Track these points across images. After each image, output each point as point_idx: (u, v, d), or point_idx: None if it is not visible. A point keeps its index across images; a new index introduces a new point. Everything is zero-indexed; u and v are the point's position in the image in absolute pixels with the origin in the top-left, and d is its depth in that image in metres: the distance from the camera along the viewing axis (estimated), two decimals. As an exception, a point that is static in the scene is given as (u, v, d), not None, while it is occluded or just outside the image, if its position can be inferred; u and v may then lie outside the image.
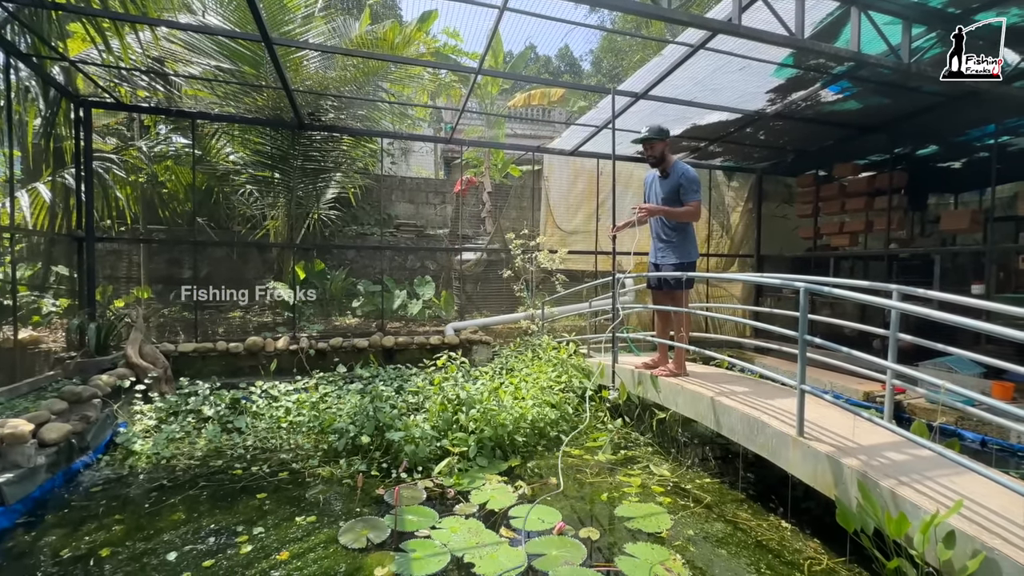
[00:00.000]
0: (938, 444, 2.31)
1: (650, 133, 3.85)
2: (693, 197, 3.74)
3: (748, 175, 8.12)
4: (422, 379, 4.84)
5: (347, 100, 6.28)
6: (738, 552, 2.54)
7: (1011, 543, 1.82)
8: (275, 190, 7.00)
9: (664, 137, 3.88)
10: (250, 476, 3.36)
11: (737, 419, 3.10)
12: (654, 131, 3.86)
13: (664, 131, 3.88)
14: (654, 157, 3.92)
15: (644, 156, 4.02)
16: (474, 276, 7.83)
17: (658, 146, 3.88)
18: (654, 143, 3.86)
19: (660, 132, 3.86)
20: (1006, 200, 6.97)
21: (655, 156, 3.91)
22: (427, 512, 2.88)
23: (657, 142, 3.86)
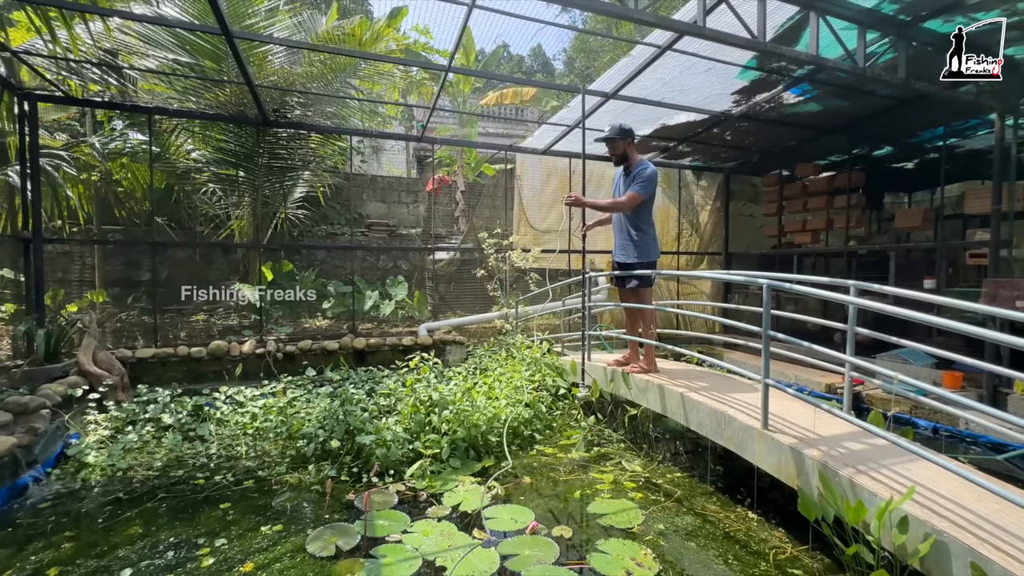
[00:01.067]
0: (892, 433, 2.41)
1: (611, 132, 3.95)
2: (634, 188, 3.81)
3: (716, 174, 8.31)
4: (394, 381, 4.77)
5: (314, 97, 6.12)
6: (707, 544, 2.59)
7: (958, 525, 1.91)
8: (240, 189, 6.78)
9: (625, 136, 3.94)
10: (213, 485, 3.24)
11: (705, 414, 3.16)
12: (615, 131, 3.95)
13: (626, 130, 3.94)
14: (616, 155, 4.00)
15: (611, 156, 4.07)
16: (447, 276, 7.76)
17: (620, 145, 3.95)
18: (615, 142, 3.94)
19: (621, 132, 3.93)
20: (954, 199, 7.34)
21: (617, 155, 4.00)
22: (398, 516, 2.83)
23: (618, 141, 3.93)
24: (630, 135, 3.94)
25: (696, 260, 8.43)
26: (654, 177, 3.86)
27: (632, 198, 3.81)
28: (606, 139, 3.95)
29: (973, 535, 1.86)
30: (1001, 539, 1.84)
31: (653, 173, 3.87)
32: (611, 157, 4.06)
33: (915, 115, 5.89)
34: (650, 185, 3.83)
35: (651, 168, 3.88)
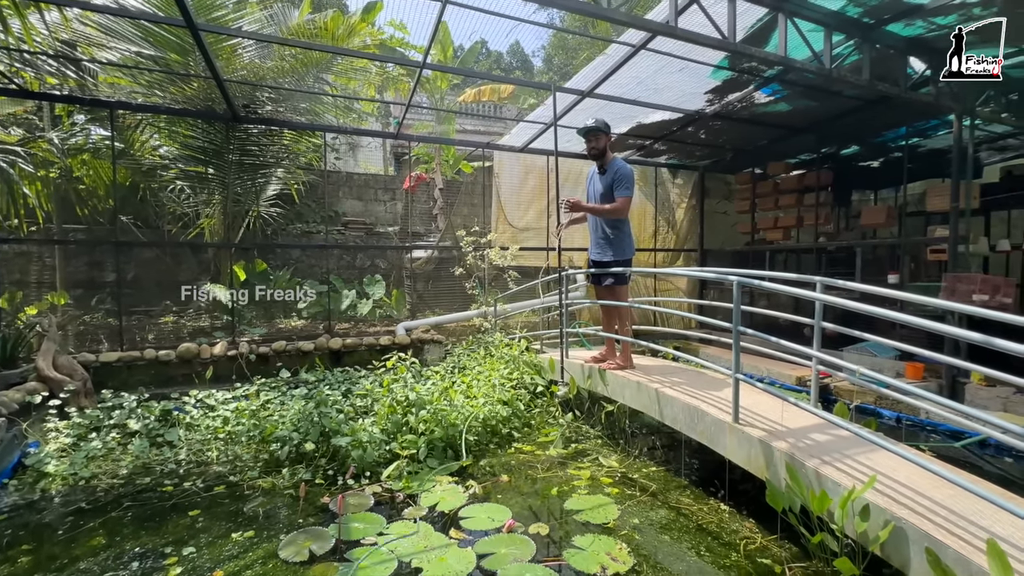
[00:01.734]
0: (855, 424, 2.49)
1: (596, 124, 3.93)
2: (623, 192, 3.83)
3: (691, 172, 8.44)
4: (371, 381, 4.71)
5: (287, 92, 5.99)
6: (680, 536, 2.63)
7: (916, 512, 1.99)
8: (209, 186, 6.59)
9: (608, 131, 3.96)
10: (182, 492, 3.15)
11: (679, 409, 3.21)
12: (600, 123, 3.95)
13: (598, 127, 3.94)
14: (597, 149, 3.98)
15: (588, 149, 4.07)
16: (425, 274, 7.71)
17: (603, 139, 3.96)
18: (599, 135, 3.93)
19: (598, 127, 3.93)
20: (917, 197, 7.62)
21: (598, 148, 3.97)
22: (374, 518, 2.80)
23: (602, 135, 3.94)
24: (605, 130, 3.97)
25: (672, 257, 8.55)
26: (632, 175, 3.90)
27: (625, 202, 3.86)
28: (590, 129, 3.91)
29: (930, 521, 1.94)
30: (955, 524, 1.92)
31: (631, 171, 3.91)
32: (590, 150, 4.05)
33: (879, 116, 6.09)
34: (632, 184, 3.88)
35: (627, 166, 3.92)
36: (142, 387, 4.60)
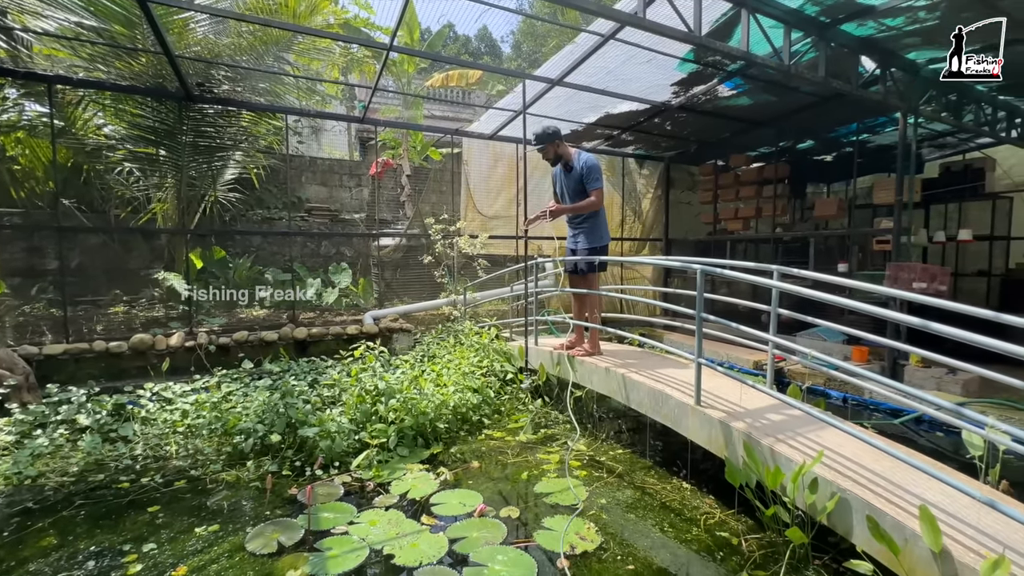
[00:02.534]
0: (807, 404, 2.65)
1: (536, 140, 3.96)
2: (595, 185, 3.88)
3: (657, 163, 8.62)
4: (338, 371, 4.64)
5: (244, 71, 5.71)
6: (645, 515, 2.75)
7: (859, 483, 2.15)
8: (161, 169, 6.25)
9: (552, 139, 3.96)
10: (139, 488, 3.03)
11: (645, 393, 3.32)
12: (540, 138, 3.95)
13: (549, 134, 3.95)
14: (550, 158, 4.07)
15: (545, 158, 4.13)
16: (393, 262, 7.59)
17: (550, 149, 3.99)
18: (545, 148, 3.98)
19: (546, 136, 3.94)
20: (865, 190, 8.05)
21: (550, 158, 4.06)
22: (344, 507, 2.79)
23: (548, 147, 3.97)
24: (555, 136, 3.98)
25: (639, 246, 8.74)
26: (599, 165, 3.95)
27: (599, 194, 3.91)
28: (539, 147, 3.99)
29: (870, 491, 2.10)
30: (893, 493, 2.09)
31: (597, 162, 3.96)
32: (547, 160, 4.12)
33: (833, 111, 6.37)
34: (600, 175, 3.93)
35: (592, 158, 3.97)
36: (92, 381, 4.38)
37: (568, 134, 7.28)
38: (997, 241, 7.22)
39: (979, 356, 2.08)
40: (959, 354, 2.29)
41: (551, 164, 4.14)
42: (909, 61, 4.98)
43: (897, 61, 4.90)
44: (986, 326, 2.02)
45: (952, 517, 1.93)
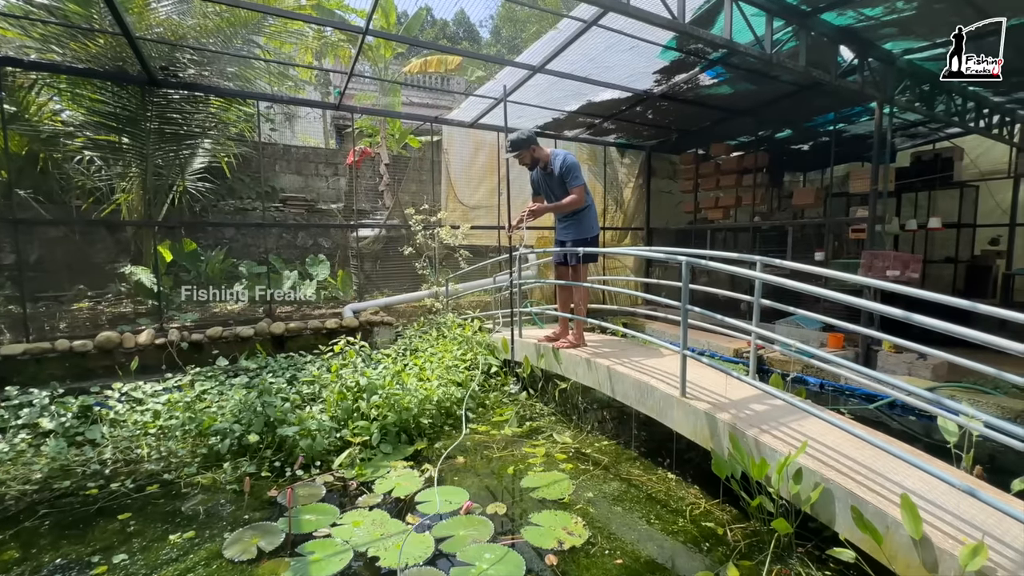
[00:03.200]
0: (789, 394, 2.67)
1: (511, 147, 3.90)
2: (575, 183, 3.86)
3: (639, 152, 8.60)
4: (318, 367, 4.53)
5: (212, 55, 5.44)
6: (632, 507, 2.75)
7: (842, 473, 2.18)
8: (125, 158, 5.94)
9: (527, 145, 3.91)
10: (109, 495, 2.90)
11: (630, 385, 3.32)
12: (515, 144, 3.90)
13: (524, 139, 3.90)
14: (526, 164, 4.03)
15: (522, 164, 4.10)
16: (373, 254, 7.43)
17: (526, 154, 3.96)
18: (522, 153, 3.93)
19: (521, 143, 3.90)
20: (841, 179, 8.20)
21: (527, 163, 4.02)
22: (327, 509, 2.72)
23: (524, 152, 3.92)
24: (531, 141, 3.92)
25: (620, 235, 8.75)
26: (577, 163, 3.91)
27: (580, 191, 3.87)
28: (514, 153, 3.93)
29: (853, 480, 2.13)
30: (874, 482, 2.12)
31: (575, 160, 3.92)
32: (524, 165, 4.10)
33: (811, 101, 6.43)
34: (580, 172, 3.88)
35: (570, 157, 3.93)
36: (55, 382, 4.17)
37: (550, 122, 7.19)
38: (964, 229, 7.44)
39: (943, 341, 2.16)
40: (926, 339, 2.37)
41: (529, 168, 4.11)
42: (886, 51, 5.03)
43: (874, 51, 4.95)
44: (950, 312, 2.10)
45: (932, 504, 1.97)
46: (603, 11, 4.10)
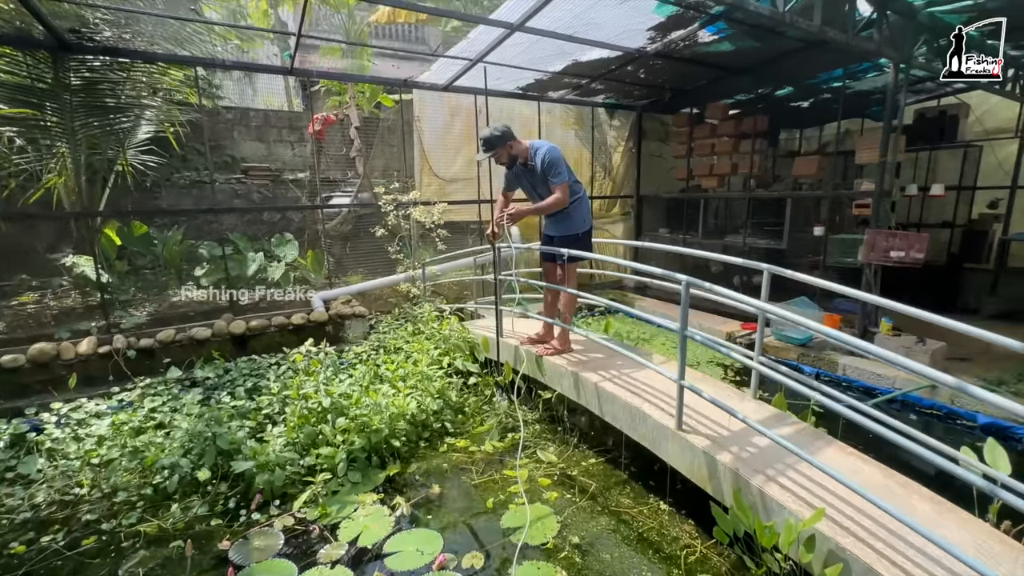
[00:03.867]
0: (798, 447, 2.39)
1: (485, 147, 3.38)
2: (557, 180, 3.37)
3: (629, 113, 7.97)
4: (280, 374, 4.16)
5: (130, 14, 4.64)
6: (622, 555, 2.51)
7: (859, 539, 1.91)
8: (49, 134, 5.22)
9: (503, 142, 3.39)
10: (37, 553, 2.58)
11: (620, 407, 3.02)
12: (489, 142, 3.37)
13: (498, 136, 3.37)
14: (504, 163, 3.53)
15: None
16: (342, 235, 6.89)
17: (502, 153, 3.43)
18: (498, 152, 3.40)
19: (496, 140, 3.36)
20: (840, 136, 7.71)
21: (504, 162, 3.52)
22: (283, 568, 2.43)
23: (500, 150, 3.40)
24: (506, 137, 3.39)
25: (609, 204, 8.28)
26: (558, 156, 3.39)
27: (563, 188, 3.37)
28: (488, 153, 3.40)
29: (872, 549, 1.87)
30: (895, 548, 1.87)
31: (556, 153, 3.39)
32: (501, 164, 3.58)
33: (819, 58, 5.86)
34: (562, 167, 3.38)
35: (552, 150, 3.39)
36: (-17, 404, 3.76)
37: (532, 83, 6.52)
38: (963, 191, 7.11)
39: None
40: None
41: (507, 167, 3.58)
42: (907, 3, 4.45)
43: (894, 4, 4.37)
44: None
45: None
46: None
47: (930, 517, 2.03)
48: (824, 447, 2.50)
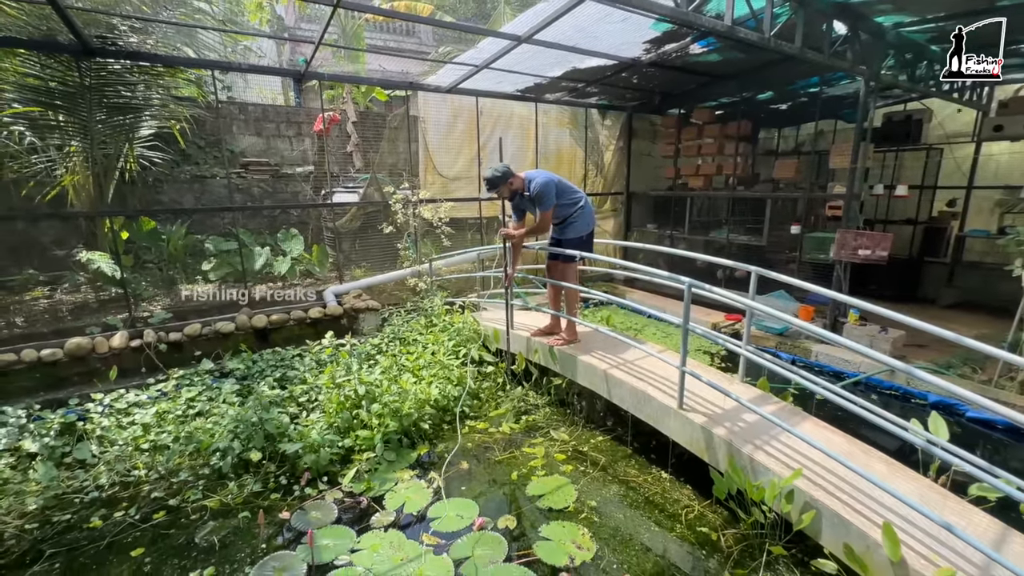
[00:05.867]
0: (782, 406, 2.85)
1: (489, 186, 3.90)
2: (543, 208, 3.89)
3: (620, 113, 8.35)
4: (307, 366, 4.47)
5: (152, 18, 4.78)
6: (632, 515, 2.95)
7: (829, 493, 2.38)
8: (64, 135, 5.33)
9: (504, 180, 3.87)
10: (115, 527, 2.88)
11: (627, 391, 3.45)
12: (492, 183, 3.87)
13: (499, 176, 3.85)
14: (506, 197, 4.03)
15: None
16: (351, 232, 7.13)
17: (504, 189, 3.93)
18: (500, 188, 3.90)
19: (497, 180, 3.85)
20: (814, 136, 8.26)
21: (506, 196, 4.02)
22: (342, 532, 2.80)
23: (502, 187, 3.89)
24: (507, 176, 3.87)
25: (600, 201, 8.68)
26: (546, 188, 3.84)
27: (545, 215, 3.91)
28: (492, 189, 3.93)
29: (839, 500, 2.34)
30: (858, 500, 2.34)
31: (546, 186, 3.84)
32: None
33: (797, 67, 6.32)
34: (549, 197, 3.85)
35: (541, 182, 3.85)
36: (26, 396, 3.97)
37: (531, 86, 6.84)
38: (925, 190, 7.73)
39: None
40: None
41: (509, 200, 4.10)
42: (877, 24, 4.93)
43: (865, 24, 4.84)
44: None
45: (911, 525, 2.20)
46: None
47: (885, 474, 2.51)
48: (801, 421, 2.97)
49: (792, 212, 7.18)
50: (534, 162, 7.61)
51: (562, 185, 3.98)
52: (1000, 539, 2.14)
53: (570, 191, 4.03)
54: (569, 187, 4.05)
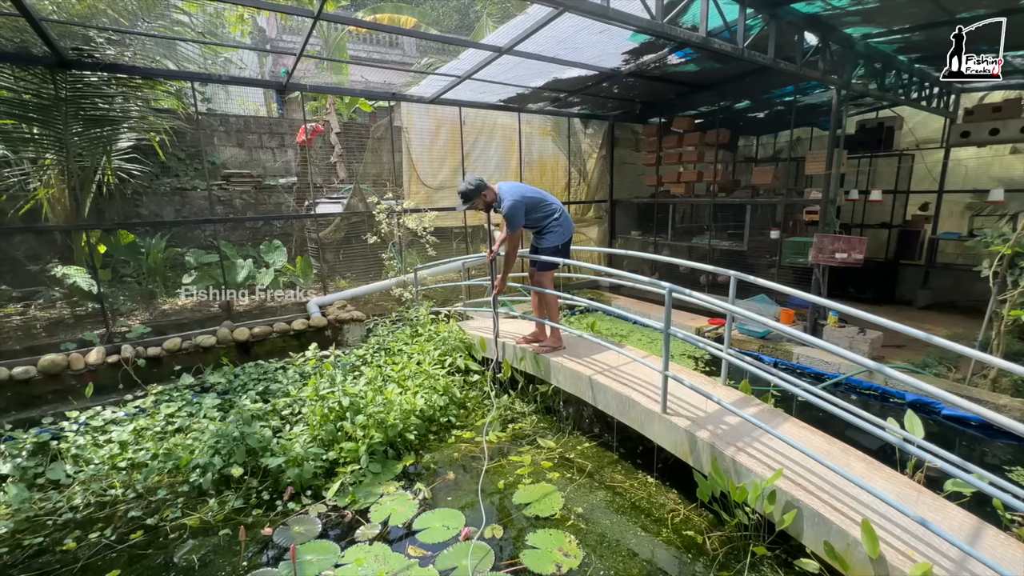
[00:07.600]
0: (762, 408, 2.89)
1: (463, 200, 3.98)
2: (510, 230, 3.99)
3: (602, 123, 8.48)
4: (290, 378, 4.41)
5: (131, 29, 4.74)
6: (618, 520, 2.96)
7: (810, 492, 2.42)
8: (39, 147, 5.23)
9: (478, 193, 3.96)
10: (90, 548, 2.80)
11: (612, 396, 3.47)
12: (466, 196, 3.95)
13: (472, 189, 3.94)
14: (481, 209, 4.11)
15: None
16: (335, 243, 7.08)
17: (478, 202, 4.01)
18: (474, 201, 3.98)
19: (470, 194, 3.94)
20: (790, 143, 8.46)
21: (481, 208, 4.10)
22: (326, 547, 2.75)
23: (476, 200, 3.98)
24: (480, 189, 3.96)
25: (584, 208, 8.77)
26: (513, 210, 3.90)
27: (512, 238, 4.00)
28: (467, 204, 4.01)
29: (820, 500, 2.38)
30: (838, 499, 2.38)
31: (511, 208, 3.90)
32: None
33: (773, 77, 6.49)
34: (516, 219, 3.92)
35: (512, 204, 3.89)
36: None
37: (514, 96, 6.90)
38: (899, 195, 7.96)
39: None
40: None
41: (485, 211, 4.17)
42: (846, 35, 5.10)
43: (835, 35, 5.01)
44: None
45: (889, 522, 2.24)
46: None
47: (863, 472, 2.56)
48: (782, 422, 3.02)
49: (771, 217, 7.33)
50: (518, 170, 7.68)
51: (532, 201, 4.01)
52: (975, 533, 2.19)
53: (543, 204, 4.06)
54: (541, 200, 4.07)
